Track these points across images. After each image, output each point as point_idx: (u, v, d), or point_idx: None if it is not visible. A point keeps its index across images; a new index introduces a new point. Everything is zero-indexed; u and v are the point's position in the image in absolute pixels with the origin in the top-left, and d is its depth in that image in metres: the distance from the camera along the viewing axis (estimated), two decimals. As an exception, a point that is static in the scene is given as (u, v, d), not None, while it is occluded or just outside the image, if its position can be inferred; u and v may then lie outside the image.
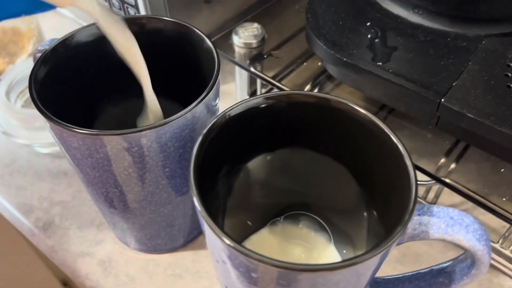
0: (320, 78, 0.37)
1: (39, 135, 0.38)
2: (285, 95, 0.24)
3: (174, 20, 0.29)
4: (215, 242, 0.20)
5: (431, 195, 0.35)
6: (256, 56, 0.37)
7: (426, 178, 0.31)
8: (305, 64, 0.38)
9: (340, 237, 0.30)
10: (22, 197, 0.37)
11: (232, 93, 0.44)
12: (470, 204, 0.32)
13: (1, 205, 0.37)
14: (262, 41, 0.37)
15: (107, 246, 0.34)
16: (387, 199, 0.25)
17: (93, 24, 0.28)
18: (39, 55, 0.28)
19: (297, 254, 0.29)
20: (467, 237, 0.21)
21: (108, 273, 0.33)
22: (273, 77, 0.37)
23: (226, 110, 0.23)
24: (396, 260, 0.33)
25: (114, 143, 0.23)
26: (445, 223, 0.21)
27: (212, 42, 0.28)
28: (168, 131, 0.24)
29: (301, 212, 0.30)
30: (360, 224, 0.28)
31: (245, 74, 0.39)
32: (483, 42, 0.31)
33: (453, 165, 0.32)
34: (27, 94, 0.41)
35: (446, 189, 0.36)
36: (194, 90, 0.28)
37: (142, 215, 0.29)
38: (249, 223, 0.30)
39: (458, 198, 0.35)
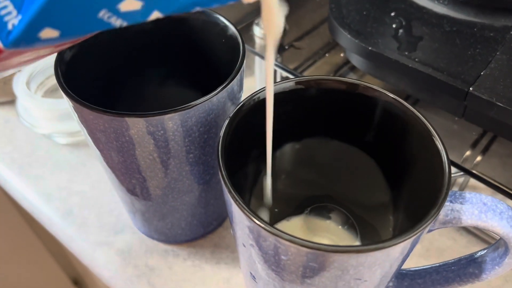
0: (343, 69, 0.36)
1: (58, 125, 0.38)
2: (314, 80, 0.23)
3: (198, 7, 0.29)
4: (243, 223, 0.19)
5: (454, 189, 0.34)
6: (277, 48, 0.37)
7: (453, 170, 0.31)
8: (327, 55, 0.37)
9: (366, 231, 0.29)
10: (41, 186, 0.37)
11: (250, 87, 0.44)
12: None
13: (20, 194, 0.38)
14: (283, 33, 0.37)
15: (126, 236, 0.34)
16: (415, 191, 0.24)
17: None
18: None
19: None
20: (501, 224, 0.20)
21: (127, 263, 0.32)
22: (294, 69, 0.36)
23: (254, 94, 0.23)
24: (420, 255, 0.32)
25: (140, 126, 0.23)
26: (478, 209, 0.20)
27: (236, 29, 0.27)
28: (194, 115, 0.23)
29: (326, 204, 0.30)
30: (386, 218, 0.27)
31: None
32: (511, 33, 0.30)
33: (479, 158, 0.31)
34: (48, 85, 0.41)
35: (469, 184, 0.35)
36: (218, 80, 0.28)
37: (164, 203, 0.28)
38: (273, 212, 0.29)
39: (482, 193, 0.34)
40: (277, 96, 0.24)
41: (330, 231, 0.29)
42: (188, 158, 0.26)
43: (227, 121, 0.22)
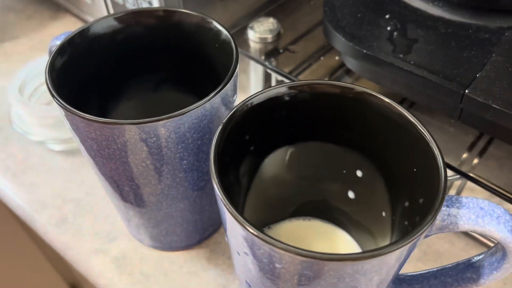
0: (338, 73, 0.36)
1: (52, 132, 0.38)
2: (308, 85, 0.23)
3: (191, 12, 0.29)
4: (236, 231, 0.19)
5: (452, 192, 0.34)
6: (272, 51, 0.37)
7: (450, 173, 0.30)
8: (322, 59, 0.37)
9: (362, 236, 0.29)
10: (35, 194, 0.37)
11: (245, 90, 0.43)
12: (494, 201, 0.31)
13: (14, 202, 0.37)
14: (278, 36, 0.37)
15: (121, 243, 0.34)
16: (413, 195, 0.24)
17: (110, 15, 0.28)
18: (54, 48, 0.27)
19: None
20: (499, 228, 0.20)
21: (123, 270, 0.32)
22: (289, 73, 0.36)
23: (247, 99, 0.22)
24: (417, 259, 0.32)
25: (132, 133, 0.22)
26: (475, 214, 0.20)
27: (229, 33, 0.27)
28: (187, 121, 0.23)
29: (321, 209, 0.30)
30: (384, 223, 0.27)
31: (260, 70, 0.38)
32: (506, 34, 0.30)
33: (476, 160, 0.31)
34: (41, 90, 0.41)
35: (466, 187, 0.35)
36: (212, 84, 0.27)
37: (158, 210, 0.28)
38: (266, 218, 0.29)
39: (480, 195, 0.34)
40: (272, 101, 0.23)
41: (325, 237, 0.29)
42: (182, 164, 0.25)
43: (220, 127, 0.21)
